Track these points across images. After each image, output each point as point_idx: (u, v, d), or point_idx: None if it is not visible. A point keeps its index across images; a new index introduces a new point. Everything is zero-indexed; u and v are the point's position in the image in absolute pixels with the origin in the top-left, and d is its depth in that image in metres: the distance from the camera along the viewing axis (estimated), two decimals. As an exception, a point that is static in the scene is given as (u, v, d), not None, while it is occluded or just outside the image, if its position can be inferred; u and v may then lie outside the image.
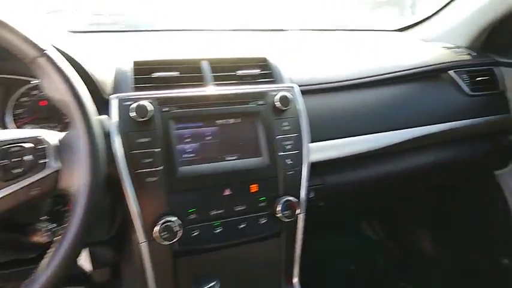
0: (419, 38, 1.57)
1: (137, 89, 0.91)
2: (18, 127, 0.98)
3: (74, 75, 0.67)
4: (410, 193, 1.49)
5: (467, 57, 1.36)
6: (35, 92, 0.98)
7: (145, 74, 0.93)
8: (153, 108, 0.86)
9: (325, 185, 1.11)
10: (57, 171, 0.65)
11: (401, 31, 1.66)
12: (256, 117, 0.95)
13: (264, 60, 1.05)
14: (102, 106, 0.86)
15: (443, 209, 1.68)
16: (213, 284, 0.87)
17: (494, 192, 1.46)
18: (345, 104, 1.13)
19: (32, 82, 0.97)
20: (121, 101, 0.87)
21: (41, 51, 0.63)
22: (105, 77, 0.91)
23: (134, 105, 0.85)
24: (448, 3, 1.49)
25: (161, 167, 0.85)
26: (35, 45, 0.63)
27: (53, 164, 0.65)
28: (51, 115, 0.98)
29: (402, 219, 1.81)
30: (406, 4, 2.26)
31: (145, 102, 0.85)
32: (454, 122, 1.25)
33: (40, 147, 0.65)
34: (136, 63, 0.94)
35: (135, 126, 0.85)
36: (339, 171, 1.14)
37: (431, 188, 1.55)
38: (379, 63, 1.23)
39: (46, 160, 0.65)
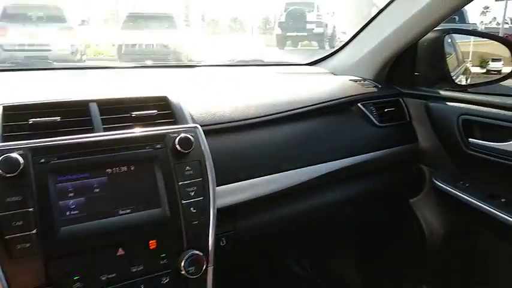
0: (329, 71, 1.59)
1: (6, 138, 0.77)
2: None
3: None
4: (330, 229, 1.46)
5: (374, 89, 1.39)
6: None
7: (17, 121, 0.80)
8: (23, 161, 0.72)
9: (237, 231, 1.03)
10: None
11: (311, 65, 1.68)
12: (153, 163, 0.85)
13: (164, 99, 0.97)
14: None
15: (366, 243, 1.68)
16: None
17: (410, 221, 1.47)
18: (253, 143, 1.07)
19: None
20: None
21: None
22: None
23: (1, 158, 0.71)
24: (353, 37, 1.53)
25: (34, 231, 0.72)
26: None
27: None
28: None
29: (328, 255, 1.77)
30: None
31: (15, 154, 0.72)
32: (365, 155, 1.24)
33: None
34: (5, 108, 0.81)
35: (3, 184, 0.71)
36: (251, 214, 1.07)
37: (350, 223, 1.53)
38: (287, 98, 1.20)
39: None
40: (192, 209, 0.86)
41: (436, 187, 1.30)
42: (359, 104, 1.32)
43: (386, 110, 1.36)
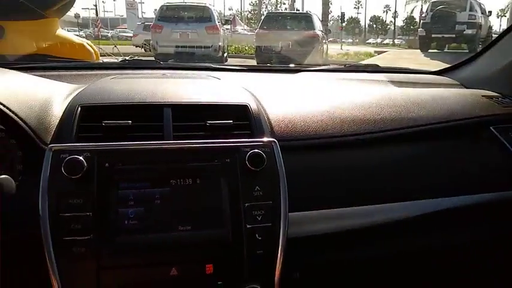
0: (458, 82, 1.31)
1: (81, 138, 0.78)
2: None
3: None
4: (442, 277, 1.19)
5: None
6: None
7: (91, 122, 0.80)
8: (87, 165, 0.71)
9: (313, 267, 0.89)
10: None
11: (438, 74, 1.41)
12: (220, 179, 0.77)
13: (244, 108, 0.88)
14: (39, 158, 0.74)
15: None
16: None
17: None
18: (341, 165, 0.92)
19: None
20: (56, 153, 0.73)
21: None
22: (46, 124, 0.79)
23: (66, 159, 0.71)
24: (492, 44, 1.23)
25: (90, 236, 0.70)
26: None
27: None
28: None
29: None
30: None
31: (80, 157, 0.71)
32: (495, 193, 0.97)
33: None
34: (82, 109, 0.81)
35: (67, 185, 0.71)
36: (337, 249, 0.91)
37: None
38: (394, 113, 1.00)
39: None
40: (257, 235, 0.76)
41: None
42: (492, 128, 1.04)
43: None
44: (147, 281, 0.73)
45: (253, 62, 10.01)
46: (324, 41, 10.83)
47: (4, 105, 0.74)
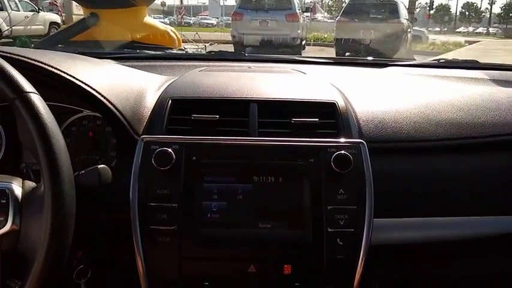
0: None
1: (170, 131, 0.80)
2: None
3: (49, 123, 0.58)
4: None
5: None
6: (84, 122, 0.95)
7: (181, 115, 0.82)
8: (175, 157, 0.73)
9: (396, 276, 0.84)
10: (16, 231, 0.56)
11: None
12: (303, 179, 0.75)
13: (332, 105, 0.85)
14: (132, 147, 0.78)
15: None
16: None
17: None
18: (432, 171, 0.85)
19: (84, 112, 0.94)
20: (147, 144, 0.76)
21: (19, 94, 0.57)
22: (139, 115, 0.83)
23: (157, 151, 0.74)
24: None
25: (174, 227, 0.72)
26: (14, 87, 0.57)
27: (12, 222, 0.57)
28: (96, 147, 0.94)
29: None
30: None
31: (170, 149, 0.73)
32: None
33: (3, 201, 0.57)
34: (174, 102, 0.84)
35: (156, 175, 0.74)
36: (410, 262, 0.85)
37: None
38: (500, 118, 0.90)
39: (5, 217, 0.57)
40: (338, 240, 0.73)
41: None
42: None
43: None
44: (226, 275, 0.74)
45: (332, 50, 9.77)
46: (409, 30, 10.22)
47: (103, 96, 0.78)
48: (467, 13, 64.38)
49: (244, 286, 0.74)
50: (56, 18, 11.40)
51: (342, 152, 0.74)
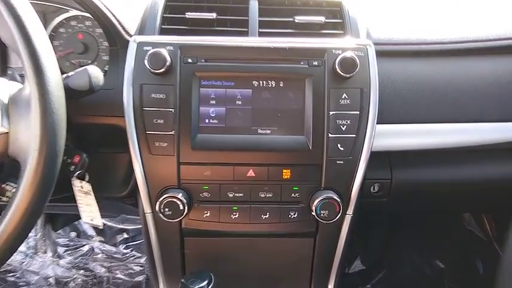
0: None
1: (164, 31, 0.75)
2: None
3: (31, 21, 0.53)
4: None
5: None
6: (73, 23, 0.89)
7: (175, 13, 0.76)
8: (170, 59, 0.69)
9: (395, 181, 0.84)
10: (5, 134, 0.54)
11: None
12: (306, 83, 0.71)
13: (339, 4, 0.78)
14: (124, 50, 0.73)
15: None
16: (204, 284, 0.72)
17: None
18: (438, 75, 0.80)
19: (70, 11, 0.88)
20: (140, 45, 0.71)
21: None
22: (131, 14, 0.77)
23: (150, 52, 0.69)
24: None
25: (172, 132, 0.70)
26: None
27: (0, 124, 0.55)
28: (87, 50, 0.88)
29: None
30: None
31: (163, 51, 0.69)
32: None
33: None
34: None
35: (150, 78, 0.70)
36: (419, 165, 0.85)
37: None
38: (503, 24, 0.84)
39: None
40: (339, 145, 0.72)
41: None
42: None
43: None
44: (225, 179, 0.74)
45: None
46: None
47: None
48: None
49: (243, 189, 0.74)
50: None
51: (348, 54, 0.70)
